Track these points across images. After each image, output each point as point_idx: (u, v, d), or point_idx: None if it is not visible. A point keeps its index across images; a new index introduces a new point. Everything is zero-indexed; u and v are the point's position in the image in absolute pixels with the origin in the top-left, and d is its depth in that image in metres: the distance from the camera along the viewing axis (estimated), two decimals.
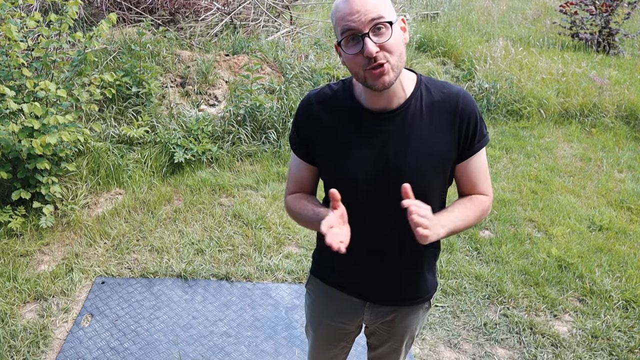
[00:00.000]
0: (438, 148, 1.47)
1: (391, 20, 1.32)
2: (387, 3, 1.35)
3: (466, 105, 1.47)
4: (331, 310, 1.79)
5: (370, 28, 1.30)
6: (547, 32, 9.83)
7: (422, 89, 1.49)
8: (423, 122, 1.47)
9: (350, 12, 1.30)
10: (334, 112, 1.52)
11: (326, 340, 1.91)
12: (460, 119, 1.47)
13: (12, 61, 3.78)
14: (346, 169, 1.49)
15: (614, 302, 3.46)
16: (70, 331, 3.06)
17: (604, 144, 5.99)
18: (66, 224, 3.95)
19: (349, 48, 1.34)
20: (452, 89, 1.50)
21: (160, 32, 6.09)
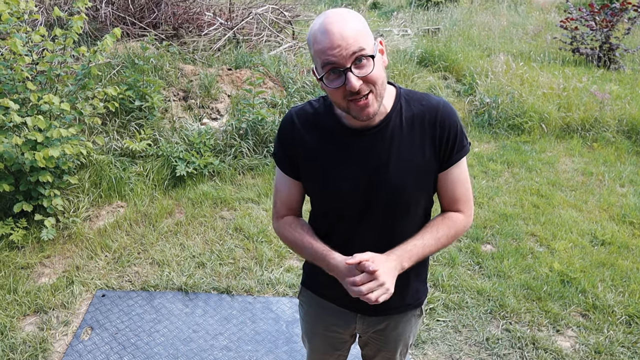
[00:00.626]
0: (419, 161, 1.47)
1: (372, 54, 1.31)
2: (365, 32, 1.32)
3: (446, 117, 1.47)
4: (324, 321, 1.80)
5: (352, 62, 1.29)
6: (548, 47, 9.89)
7: (401, 103, 1.49)
8: (403, 136, 1.47)
9: (330, 46, 1.27)
10: (316, 130, 1.51)
11: (321, 350, 1.91)
12: (440, 130, 1.47)
13: (16, 75, 3.81)
14: (331, 186, 1.50)
15: (617, 317, 3.43)
16: (69, 344, 3.04)
17: (606, 158, 5.99)
18: (67, 236, 3.95)
19: (331, 81, 1.32)
20: (431, 101, 1.50)
21: (164, 47, 6.15)
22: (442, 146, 1.48)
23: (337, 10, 1.32)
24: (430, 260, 3.86)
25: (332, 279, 1.51)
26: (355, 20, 1.30)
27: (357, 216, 1.51)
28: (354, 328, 1.78)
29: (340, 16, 1.29)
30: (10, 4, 3.83)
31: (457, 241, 4.19)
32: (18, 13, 3.94)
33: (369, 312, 1.68)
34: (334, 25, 1.27)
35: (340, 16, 1.29)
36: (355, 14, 1.32)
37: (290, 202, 1.62)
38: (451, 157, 1.50)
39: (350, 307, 1.70)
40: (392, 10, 13.98)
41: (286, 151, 1.56)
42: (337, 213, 1.52)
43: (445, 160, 1.50)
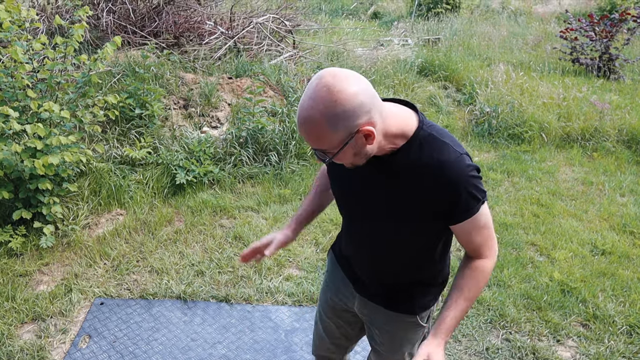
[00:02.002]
0: (408, 210, 1.47)
1: (333, 151, 1.34)
2: (329, 131, 1.29)
3: (450, 180, 1.40)
4: (334, 286, 1.94)
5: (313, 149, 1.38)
6: (548, 58, 9.92)
7: (415, 145, 1.43)
8: (403, 181, 1.45)
9: (298, 127, 1.33)
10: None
11: (327, 308, 2.02)
12: (441, 190, 1.42)
13: (17, 82, 3.82)
14: (334, 188, 1.71)
15: (618, 327, 3.42)
16: (67, 352, 3.02)
17: (606, 168, 5.99)
18: (66, 244, 3.94)
19: None
20: (443, 157, 1.41)
21: (165, 55, 6.17)
22: (439, 206, 1.44)
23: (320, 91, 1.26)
24: None
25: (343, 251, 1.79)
26: (322, 119, 1.26)
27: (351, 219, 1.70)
28: (353, 302, 1.88)
29: (310, 112, 1.27)
30: (12, 12, 3.85)
31: (457, 250, 4.18)
32: (19, 21, 3.96)
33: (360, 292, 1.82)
34: (299, 120, 1.31)
35: (309, 111, 1.27)
36: (332, 106, 1.25)
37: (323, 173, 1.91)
38: (452, 218, 1.47)
39: (349, 278, 1.85)
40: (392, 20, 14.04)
41: None
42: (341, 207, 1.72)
43: (447, 218, 1.48)
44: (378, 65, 8.08)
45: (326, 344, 2.12)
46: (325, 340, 2.11)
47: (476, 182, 1.43)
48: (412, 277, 1.71)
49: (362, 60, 8.34)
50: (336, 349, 2.12)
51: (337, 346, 2.11)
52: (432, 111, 7.34)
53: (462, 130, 6.87)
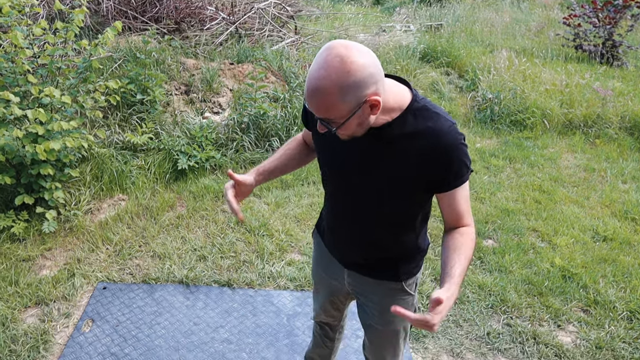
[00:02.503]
0: (405, 178, 1.52)
1: (339, 122, 1.36)
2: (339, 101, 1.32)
3: (446, 147, 1.46)
4: (323, 264, 2.00)
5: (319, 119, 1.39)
6: (551, 44, 9.85)
7: (409, 116, 1.48)
8: (398, 149, 1.49)
9: (308, 101, 1.35)
10: None
11: (321, 288, 2.11)
12: (436, 157, 1.47)
13: (17, 68, 3.81)
14: (322, 158, 1.70)
15: (619, 312, 3.43)
16: (70, 336, 3.04)
17: (608, 154, 5.98)
18: (69, 229, 3.95)
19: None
20: (437, 125, 1.47)
21: (166, 41, 6.13)
22: (434, 173, 1.49)
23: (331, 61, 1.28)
24: (431, 255, 3.86)
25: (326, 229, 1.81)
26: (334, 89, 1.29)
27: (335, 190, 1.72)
28: (342, 278, 1.92)
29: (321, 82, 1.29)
30: None
31: None
32: (19, 6, 3.94)
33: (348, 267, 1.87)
34: (309, 90, 1.32)
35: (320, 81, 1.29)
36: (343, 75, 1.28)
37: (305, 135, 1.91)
38: (444, 185, 1.53)
39: (336, 254, 1.90)
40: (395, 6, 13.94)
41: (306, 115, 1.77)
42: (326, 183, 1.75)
43: (439, 186, 1.54)
44: (380, 52, 8.04)
45: (325, 313, 2.22)
46: (324, 311, 2.21)
47: (467, 151, 1.51)
48: (395, 246, 1.75)
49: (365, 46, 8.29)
50: (334, 316, 2.23)
51: (335, 315, 2.23)
52: (434, 97, 7.31)
53: (464, 117, 6.85)
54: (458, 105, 7.18)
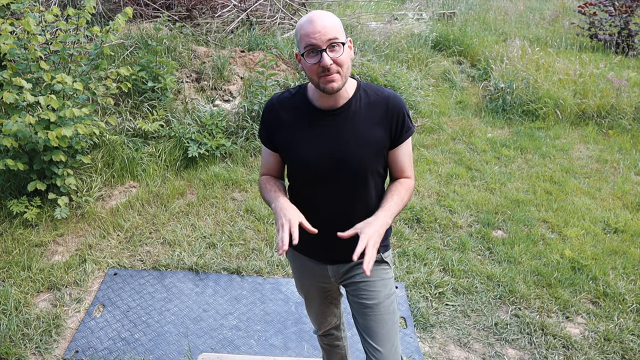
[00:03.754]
0: (374, 138, 1.82)
1: (343, 42, 1.70)
2: (341, 27, 1.71)
3: (395, 105, 1.83)
4: (308, 271, 2.09)
5: (327, 45, 1.66)
6: (565, 33, 9.72)
7: (361, 92, 1.84)
8: (362, 118, 1.82)
9: (313, 31, 1.65)
10: (292, 111, 1.86)
11: (313, 296, 2.19)
12: (390, 114, 1.82)
13: (30, 54, 3.83)
14: (301, 154, 1.83)
15: (628, 305, 3.41)
16: (82, 321, 3.09)
17: (621, 145, 5.91)
18: (80, 215, 4.00)
19: (310, 58, 1.69)
20: (384, 92, 1.86)
21: (177, 28, 6.13)
22: (392, 127, 1.83)
23: (319, 11, 1.69)
24: (440, 245, 3.86)
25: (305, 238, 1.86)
26: (333, 17, 1.69)
27: (321, 180, 1.83)
28: (328, 276, 2.05)
29: (323, 13, 1.69)
30: None
31: (468, 226, 4.18)
32: None
33: (333, 262, 2.00)
34: (317, 17, 1.67)
35: (323, 13, 1.69)
36: (334, 16, 1.71)
37: (270, 168, 1.99)
38: (400, 137, 1.85)
39: (319, 259, 2.01)
40: None
41: (267, 128, 1.91)
42: (307, 179, 1.86)
43: (396, 139, 1.85)
44: (392, 40, 7.98)
45: (326, 320, 2.31)
46: (325, 317, 2.29)
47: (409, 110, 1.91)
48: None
49: (376, 34, 8.23)
50: (336, 315, 2.33)
51: (336, 314, 2.32)
52: (445, 87, 7.27)
53: (475, 106, 6.80)
54: (470, 95, 7.12)
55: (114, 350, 2.89)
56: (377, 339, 1.95)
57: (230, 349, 2.95)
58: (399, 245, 3.90)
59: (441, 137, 5.84)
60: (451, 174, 4.99)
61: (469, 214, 4.36)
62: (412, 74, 6.93)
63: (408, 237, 4.00)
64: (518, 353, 3.03)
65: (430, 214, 4.29)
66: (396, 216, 1.86)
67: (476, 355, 3.00)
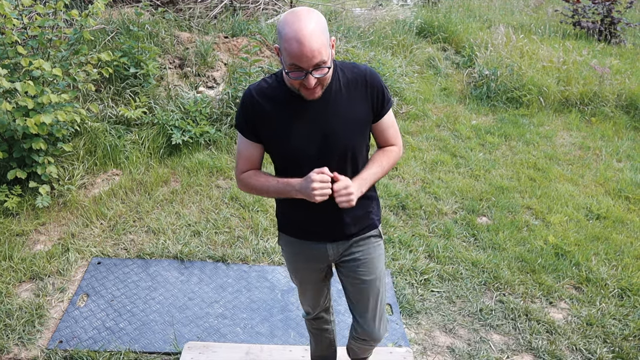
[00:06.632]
0: (359, 115, 1.87)
1: (329, 65, 1.67)
2: (327, 42, 1.66)
3: (373, 80, 1.87)
4: (303, 256, 2.10)
5: (313, 67, 1.64)
6: (549, 20, 9.76)
7: (338, 72, 1.85)
8: (343, 97, 1.84)
9: (301, 55, 1.60)
10: (272, 101, 1.83)
11: (307, 280, 2.20)
12: (370, 90, 1.86)
13: (6, 39, 3.73)
14: (291, 142, 1.83)
15: (610, 290, 3.47)
16: (65, 311, 3.05)
17: (604, 133, 5.98)
18: (62, 204, 3.93)
19: (293, 73, 1.66)
20: (360, 68, 1.88)
21: (159, 13, 6.02)
22: (373, 102, 1.87)
23: (308, 16, 1.62)
24: (425, 232, 3.88)
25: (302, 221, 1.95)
26: (321, 31, 1.63)
27: (314, 163, 1.80)
28: (327, 256, 2.06)
29: (312, 27, 1.59)
30: None
31: (453, 213, 4.20)
32: None
33: (335, 239, 2.02)
34: (306, 39, 1.58)
35: (311, 27, 1.59)
36: (321, 22, 1.64)
37: (252, 162, 1.93)
38: (382, 109, 1.91)
39: (319, 239, 2.02)
40: None
41: (248, 120, 1.86)
42: (295, 166, 1.84)
43: (378, 112, 1.90)
44: (376, 26, 7.94)
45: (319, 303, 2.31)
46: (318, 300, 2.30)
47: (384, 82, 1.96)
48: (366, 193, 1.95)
49: (361, 20, 8.19)
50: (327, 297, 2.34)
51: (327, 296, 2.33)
52: (430, 73, 7.26)
53: (460, 93, 6.81)
54: (454, 82, 7.13)
55: (98, 340, 2.86)
56: (373, 313, 2.14)
57: (216, 337, 2.93)
58: (384, 232, 3.90)
59: (426, 124, 5.85)
60: (436, 161, 5.00)
61: (454, 200, 4.37)
62: (396, 60, 6.90)
63: (393, 224, 4.01)
64: (502, 338, 3.06)
65: (415, 201, 4.30)
66: (375, 182, 1.95)
67: (461, 340, 3.02)
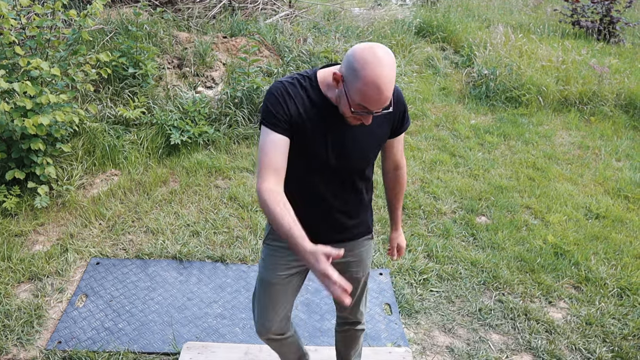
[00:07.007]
0: (380, 133, 1.89)
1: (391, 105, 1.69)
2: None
3: (399, 100, 1.87)
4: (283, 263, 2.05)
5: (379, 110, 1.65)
6: (548, 20, 9.77)
7: None
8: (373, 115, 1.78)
9: (377, 101, 1.59)
10: (306, 102, 1.77)
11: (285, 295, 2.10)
12: (396, 108, 1.86)
13: (4, 39, 3.72)
14: (319, 149, 1.82)
15: (609, 289, 3.47)
16: (64, 311, 3.05)
17: (603, 132, 5.98)
18: (61, 204, 3.93)
19: (356, 110, 1.65)
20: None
21: (158, 13, 6.02)
22: (395, 121, 1.90)
23: (390, 59, 1.58)
24: (424, 231, 3.87)
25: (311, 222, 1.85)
26: (393, 80, 1.61)
27: (329, 174, 1.85)
28: None
29: (392, 74, 1.59)
30: None
31: (452, 213, 4.20)
32: None
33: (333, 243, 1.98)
34: (386, 87, 1.58)
35: (392, 74, 1.59)
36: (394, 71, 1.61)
37: (278, 163, 1.74)
38: (400, 129, 1.95)
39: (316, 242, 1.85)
40: None
41: (281, 113, 1.75)
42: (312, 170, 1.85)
43: (395, 131, 1.94)
44: (375, 26, 7.94)
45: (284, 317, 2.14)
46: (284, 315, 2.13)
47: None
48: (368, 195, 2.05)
49: (359, 20, 8.19)
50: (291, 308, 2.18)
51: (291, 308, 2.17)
52: (429, 73, 7.26)
53: (459, 93, 6.81)
54: (453, 81, 7.13)
55: (97, 340, 2.86)
56: (361, 305, 2.27)
57: (215, 338, 2.93)
58: (383, 232, 3.90)
59: (425, 123, 5.84)
60: (435, 161, 5.00)
61: (453, 200, 4.37)
62: (395, 60, 6.90)
63: None
64: (502, 338, 3.06)
65: (414, 201, 4.30)
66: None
67: (460, 340, 3.02)
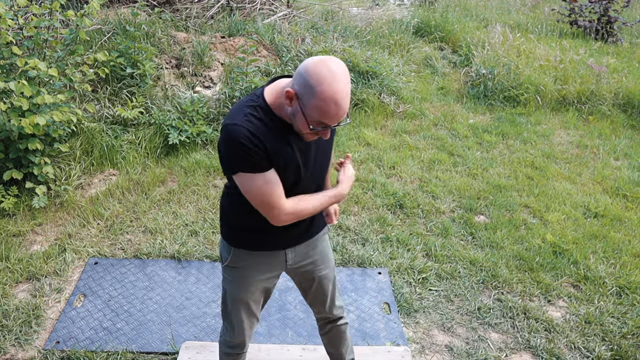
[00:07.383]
0: (330, 147, 2.02)
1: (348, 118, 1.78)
2: None
3: None
4: (258, 269, 2.08)
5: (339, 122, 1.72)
6: (546, 19, 9.78)
7: None
8: None
9: (335, 116, 1.65)
10: (270, 135, 1.75)
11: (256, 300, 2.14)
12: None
13: (1, 39, 3.71)
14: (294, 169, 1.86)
15: (608, 288, 3.47)
16: (62, 311, 3.04)
17: (601, 131, 5.98)
18: (59, 204, 3.92)
19: (315, 128, 1.70)
20: None
21: (156, 13, 6.01)
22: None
23: (344, 73, 1.64)
24: (423, 230, 3.87)
25: (260, 230, 1.95)
26: (349, 91, 1.69)
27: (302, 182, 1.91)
28: (285, 262, 2.10)
29: (348, 88, 1.65)
30: None
31: (451, 212, 4.20)
32: None
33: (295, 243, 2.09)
34: (344, 101, 1.64)
35: (348, 88, 1.65)
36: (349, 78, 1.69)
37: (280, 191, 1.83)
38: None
39: (279, 247, 2.06)
40: None
41: (258, 156, 1.74)
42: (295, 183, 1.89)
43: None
44: (373, 26, 7.94)
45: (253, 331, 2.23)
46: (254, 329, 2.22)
47: None
48: None
49: (357, 19, 8.19)
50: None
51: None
52: (427, 72, 7.26)
53: (457, 92, 6.81)
54: (451, 81, 7.13)
55: (96, 340, 2.85)
56: (337, 300, 2.30)
57: (213, 337, 2.92)
58: (382, 231, 3.90)
59: (423, 123, 5.84)
60: (433, 160, 5.00)
61: (452, 199, 4.37)
62: (393, 60, 6.90)
63: (391, 222, 4.00)
64: (501, 337, 3.05)
65: (413, 200, 4.30)
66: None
67: (460, 339, 3.02)
